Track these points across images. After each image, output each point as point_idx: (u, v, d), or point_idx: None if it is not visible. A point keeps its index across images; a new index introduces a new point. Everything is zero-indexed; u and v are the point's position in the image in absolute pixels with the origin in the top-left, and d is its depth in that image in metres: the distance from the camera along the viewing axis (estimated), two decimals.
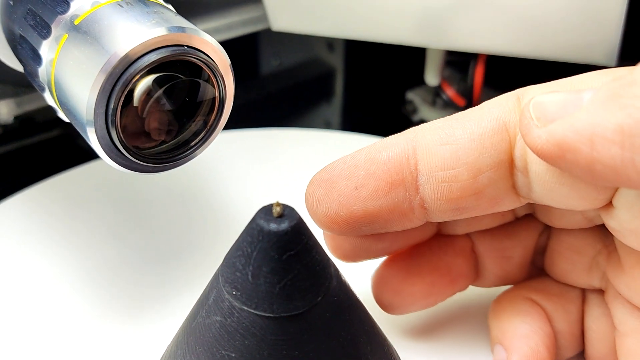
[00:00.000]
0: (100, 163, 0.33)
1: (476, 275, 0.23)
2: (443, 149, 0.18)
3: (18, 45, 0.21)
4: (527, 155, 0.18)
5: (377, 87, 0.53)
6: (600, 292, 0.21)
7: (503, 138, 0.18)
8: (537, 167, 0.18)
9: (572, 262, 0.21)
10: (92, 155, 0.32)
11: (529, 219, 0.22)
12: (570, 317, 0.22)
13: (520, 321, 0.21)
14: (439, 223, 0.22)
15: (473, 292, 0.24)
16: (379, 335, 0.19)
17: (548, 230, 0.22)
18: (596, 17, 0.29)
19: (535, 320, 0.21)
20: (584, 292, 0.22)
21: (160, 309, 0.25)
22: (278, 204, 0.16)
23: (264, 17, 0.37)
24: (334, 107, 0.54)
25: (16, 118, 0.31)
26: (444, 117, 0.20)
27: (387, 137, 0.20)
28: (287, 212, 0.16)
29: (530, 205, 0.21)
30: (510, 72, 0.38)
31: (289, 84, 0.53)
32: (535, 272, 0.23)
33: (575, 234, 0.21)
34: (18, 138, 0.41)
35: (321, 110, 0.54)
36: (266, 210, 0.16)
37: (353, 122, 0.53)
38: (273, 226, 0.16)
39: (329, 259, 0.17)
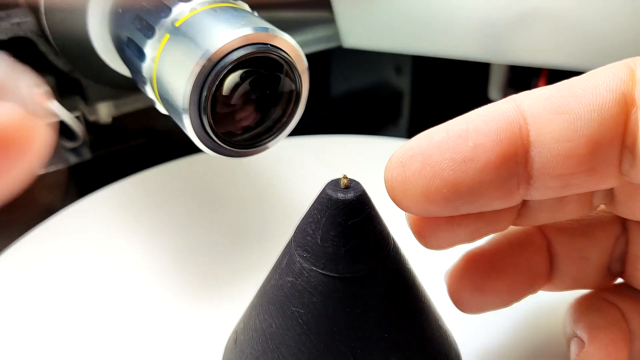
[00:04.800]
0: (178, 163, 0.36)
1: (549, 277, 0.22)
2: (559, 118, 0.17)
3: (125, 46, 0.24)
4: (639, 130, 0.17)
5: (443, 107, 0.54)
6: None
7: (622, 110, 0.17)
8: None
9: None
10: None
11: (606, 218, 0.22)
12: None
13: (598, 316, 0.21)
14: (520, 209, 0.20)
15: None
16: (434, 309, 0.21)
17: (626, 234, 0.22)
18: None
19: (612, 316, 0.21)
20: None
21: (232, 291, 0.28)
22: (345, 177, 0.18)
23: (335, 36, 0.40)
24: (400, 129, 0.55)
25: (113, 120, 0.34)
26: None
27: (486, 106, 0.18)
28: (352, 184, 0.18)
29: (608, 193, 0.20)
30: None
31: (356, 106, 0.54)
32: (610, 279, 0.23)
33: None
34: (108, 145, 0.45)
35: (387, 132, 0.55)
36: (335, 182, 0.18)
37: None
38: (340, 195, 0.18)
39: (388, 232, 0.19)
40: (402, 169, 0.18)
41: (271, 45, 0.21)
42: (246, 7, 0.23)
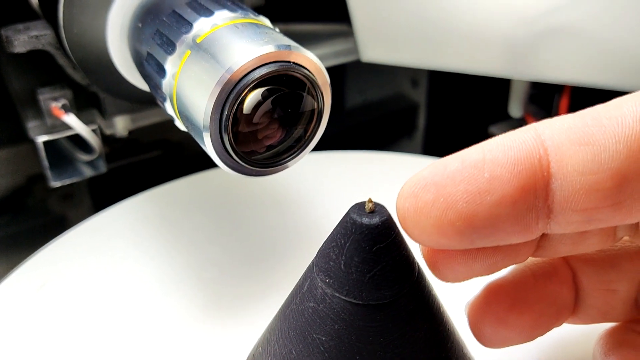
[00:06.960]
0: (195, 178, 0.35)
1: (575, 310, 0.22)
2: (583, 150, 0.16)
3: (145, 62, 0.24)
4: None
5: (459, 122, 0.54)
6: None
7: None
8: None
9: None
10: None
11: (632, 249, 0.21)
12: None
13: (631, 349, 0.20)
14: (540, 240, 0.19)
15: None
16: (458, 336, 0.20)
17: None
18: None
19: None
20: None
21: (248, 313, 0.27)
22: (370, 201, 0.17)
23: (353, 50, 0.39)
24: (416, 142, 0.55)
25: (128, 135, 0.34)
26: None
27: (505, 135, 0.17)
28: (378, 208, 0.18)
29: (634, 225, 0.19)
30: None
31: (371, 119, 0.54)
32: (638, 312, 0.22)
33: None
34: (124, 156, 0.45)
35: (403, 145, 0.55)
36: (359, 206, 0.18)
37: (434, 157, 0.54)
38: (365, 220, 0.17)
39: (413, 257, 0.19)
40: (414, 199, 0.17)
41: (294, 63, 0.20)
42: (268, 22, 0.23)
